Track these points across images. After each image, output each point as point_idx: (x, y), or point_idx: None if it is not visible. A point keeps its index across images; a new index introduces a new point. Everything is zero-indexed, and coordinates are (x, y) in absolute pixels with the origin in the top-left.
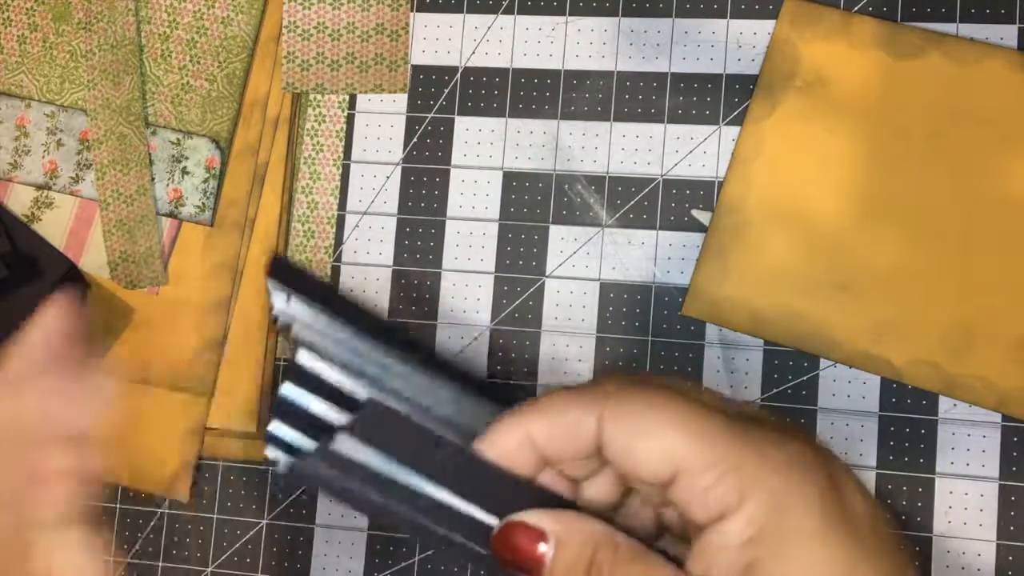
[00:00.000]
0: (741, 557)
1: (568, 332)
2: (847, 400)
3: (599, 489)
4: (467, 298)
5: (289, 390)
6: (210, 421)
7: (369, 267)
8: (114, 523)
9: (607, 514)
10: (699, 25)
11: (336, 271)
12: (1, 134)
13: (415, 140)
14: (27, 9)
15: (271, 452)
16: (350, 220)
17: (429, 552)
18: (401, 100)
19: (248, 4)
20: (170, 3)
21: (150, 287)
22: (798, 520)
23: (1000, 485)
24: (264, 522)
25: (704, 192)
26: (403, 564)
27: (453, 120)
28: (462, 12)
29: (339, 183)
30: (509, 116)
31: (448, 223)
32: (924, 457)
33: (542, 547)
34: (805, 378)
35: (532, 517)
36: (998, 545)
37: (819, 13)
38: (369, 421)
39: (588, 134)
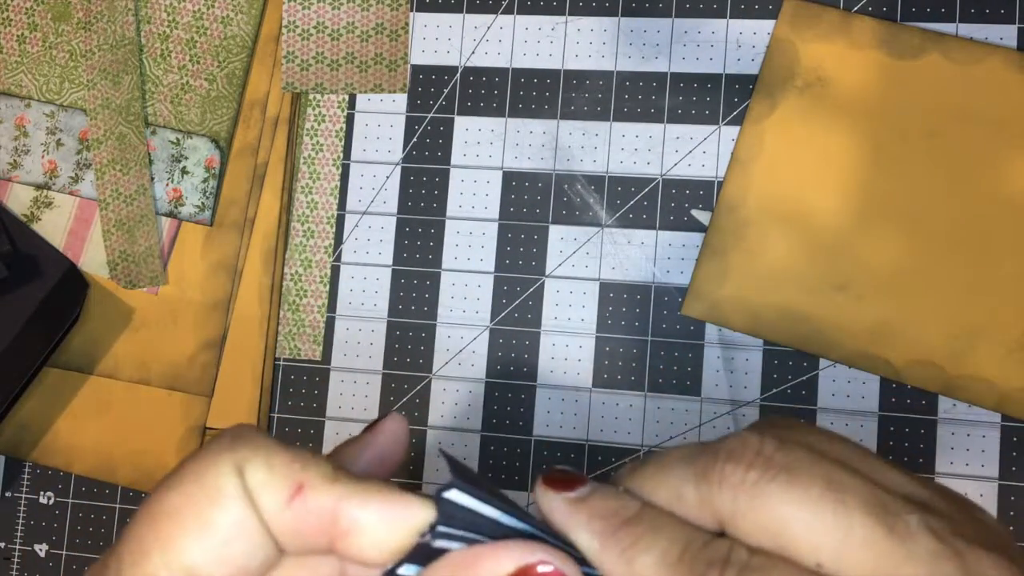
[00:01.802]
0: None
1: (568, 332)
2: (847, 400)
3: None
4: (467, 298)
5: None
6: (210, 421)
7: (369, 267)
8: (114, 523)
9: None
10: (699, 25)
11: (336, 271)
12: (1, 134)
13: (415, 140)
14: (27, 9)
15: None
16: (350, 220)
17: None
18: (401, 100)
19: (248, 4)
20: (170, 3)
21: (150, 287)
22: None
23: (1000, 485)
24: None
25: (704, 192)
26: None
27: (453, 120)
28: (462, 12)
29: (339, 183)
30: (509, 116)
31: (448, 223)
32: (924, 457)
33: None
34: (805, 378)
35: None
36: None
37: (819, 13)
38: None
39: (588, 134)
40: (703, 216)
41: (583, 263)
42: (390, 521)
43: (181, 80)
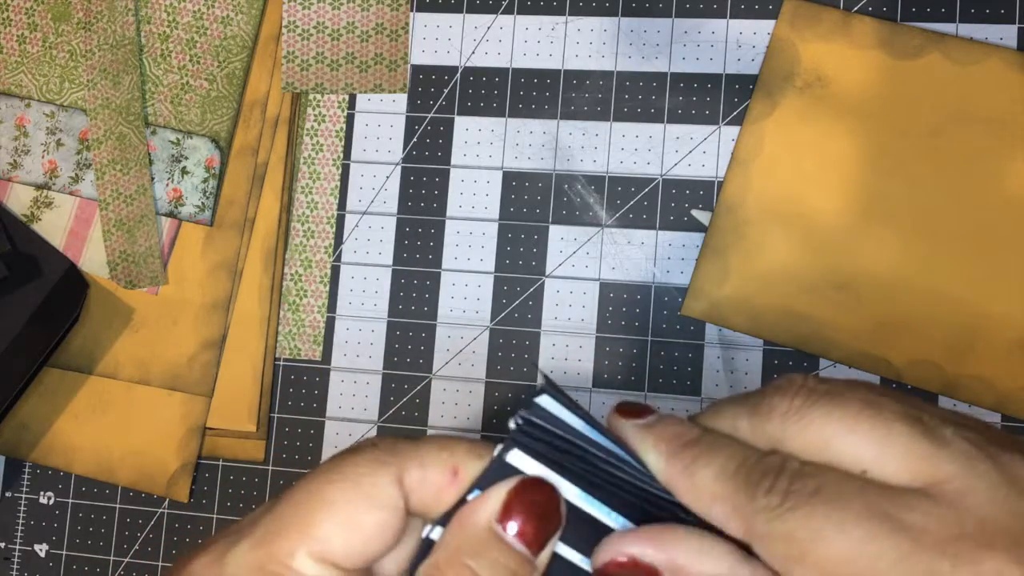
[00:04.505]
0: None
1: (568, 332)
2: None
3: None
4: (467, 298)
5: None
6: (210, 421)
7: (369, 267)
8: (114, 523)
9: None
10: (699, 25)
11: (336, 271)
12: (1, 134)
13: (415, 140)
14: (27, 9)
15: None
16: (350, 220)
17: None
18: (401, 100)
19: (248, 4)
20: (170, 3)
21: (150, 287)
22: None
23: None
24: None
25: (704, 192)
26: None
27: (453, 120)
28: (462, 12)
29: (339, 183)
30: (509, 116)
31: (448, 223)
32: None
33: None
34: None
35: (634, 545)
36: None
37: (819, 13)
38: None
39: (588, 134)
40: (703, 216)
41: (583, 263)
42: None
43: (181, 80)
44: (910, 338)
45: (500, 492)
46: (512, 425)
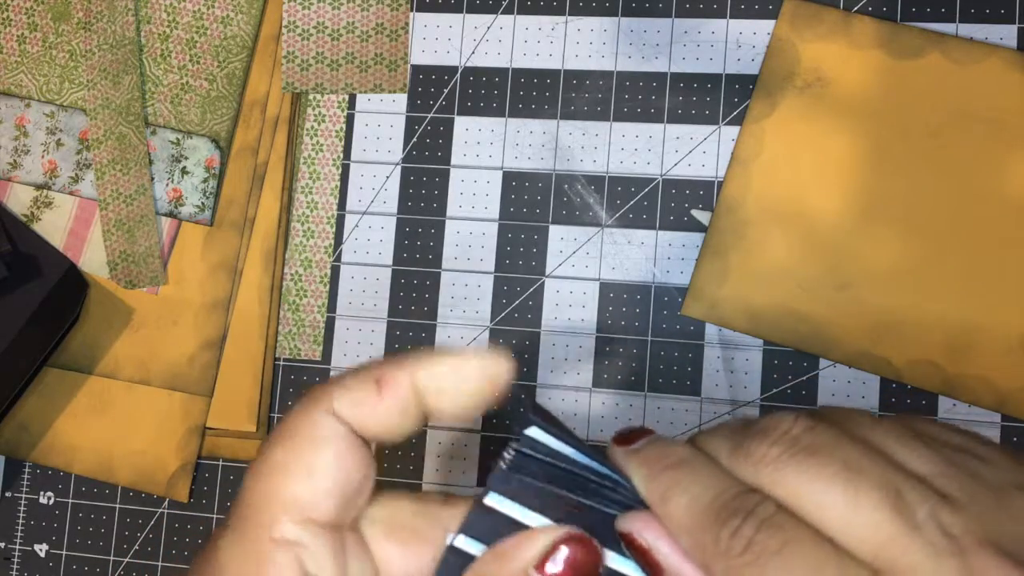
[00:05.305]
0: None
1: (568, 332)
2: (847, 400)
3: None
4: (467, 298)
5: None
6: (210, 421)
7: (369, 267)
8: (114, 523)
9: None
10: (699, 25)
11: (336, 271)
12: (1, 134)
13: (415, 140)
14: (27, 9)
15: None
16: (350, 220)
17: None
18: (401, 100)
19: (248, 4)
20: (170, 3)
21: (149, 287)
22: None
23: None
24: None
25: (704, 192)
26: None
27: (453, 120)
28: (462, 12)
29: (339, 183)
30: (509, 116)
31: (448, 223)
32: None
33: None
34: (805, 378)
35: (650, 532)
36: None
37: (819, 13)
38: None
39: (588, 134)
40: (703, 216)
41: (583, 263)
42: (461, 368)
43: (181, 80)
44: (910, 338)
45: (544, 540)
46: (506, 456)
